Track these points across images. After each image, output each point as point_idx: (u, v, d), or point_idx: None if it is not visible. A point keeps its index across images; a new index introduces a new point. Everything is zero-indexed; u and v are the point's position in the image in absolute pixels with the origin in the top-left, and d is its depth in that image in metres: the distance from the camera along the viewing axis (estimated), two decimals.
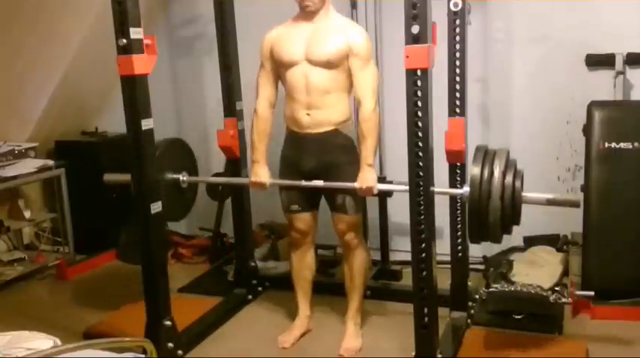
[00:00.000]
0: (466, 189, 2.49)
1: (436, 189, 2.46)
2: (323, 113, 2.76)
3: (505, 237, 2.57)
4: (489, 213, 2.41)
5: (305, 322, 3.07)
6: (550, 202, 2.51)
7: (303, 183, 2.83)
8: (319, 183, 2.81)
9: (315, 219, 2.99)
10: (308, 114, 2.77)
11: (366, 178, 2.69)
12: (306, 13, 2.73)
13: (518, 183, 2.46)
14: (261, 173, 2.89)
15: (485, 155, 2.49)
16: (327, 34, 2.71)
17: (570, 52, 3.45)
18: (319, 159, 2.80)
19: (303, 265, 3.05)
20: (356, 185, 2.71)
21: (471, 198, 2.45)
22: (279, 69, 2.82)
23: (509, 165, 2.47)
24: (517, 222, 2.51)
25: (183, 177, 3.10)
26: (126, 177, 2.78)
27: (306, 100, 2.76)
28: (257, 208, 3.56)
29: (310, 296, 3.10)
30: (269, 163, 2.93)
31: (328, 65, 2.69)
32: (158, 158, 2.80)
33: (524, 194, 2.48)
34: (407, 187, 2.43)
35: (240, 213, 3.45)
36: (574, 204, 2.54)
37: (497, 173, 2.41)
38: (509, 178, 2.43)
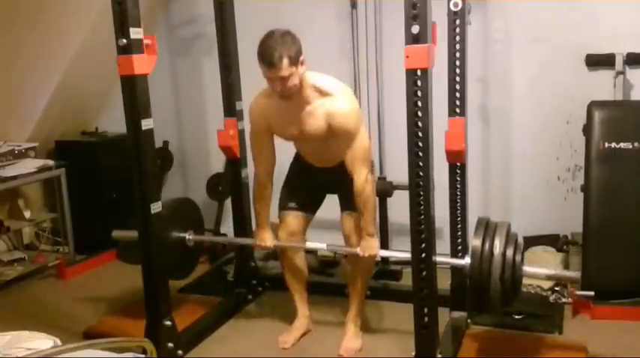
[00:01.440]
0: (467, 260, 2.53)
1: (438, 259, 2.51)
2: (332, 160, 2.80)
3: None
4: (490, 288, 2.45)
5: (305, 322, 3.07)
6: (550, 278, 2.56)
7: (308, 244, 3.00)
8: (322, 246, 2.94)
9: (307, 223, 3.00)
10: (315, 161, 2.87)
11: (368, 247, 2.75)
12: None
13: (518, 258, 2.49)
14: (265, 238, 2.94)
15: (487, 228, 2.53)
16: (311, 117, 2.65)
17: (570, 52, 3.45)
18: (332, 175, 2.83)
19: (294, 268, 3.04)
20: (359, 252, 2.76)
21: (471, 270, 2.50)
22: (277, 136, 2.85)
23: (510, 238, 2.51)
24: (517, 295, 2.56)
25: (189, 236, 3.12)
26: (133, 233, 2.85)
27: (312, 157, 2.87)
28: None
29: (306, 297, 3.10)
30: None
31: (324, 137, 2.68)
32: (164, 217, 2.82)
33: (524, 268, 2.52)
34: (409, 255, 2.48)
35: (240, 213, 3.45)
36: (573, 281, 2.60)
37: (497, 246, 2.46)
38: (509, 253, 2.47)
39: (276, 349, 2.95)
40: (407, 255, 2.54)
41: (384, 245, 3.74)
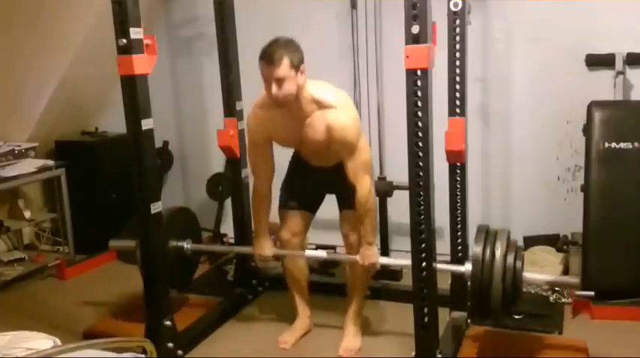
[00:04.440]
0: (468, 267, 2.54)
1: (438, 266, 2.52)
2: (328, 161, 2.81)
3: None
4: (491, 295, 2.47)
5: (305, 322, 3.08)
6: (550, 284, 2.57)
7: (307, 253, 2.99)
8: (322, 253, 2.96)
9: (308, 223, 3.00)
10: (314, 162, 2.87)
11: (368, 255, 2.76)
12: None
13: (519, 264, 2.52)
14: (265, 246, 2.95)
15: (487, 236, 2.55)
16: (309, 130, 2.65)
17: (570, 52, 3.44)
18: (331, 174, 2.83)
19: (296, 269, 3.04)
20: (358, 260, 2.77)
21: (472, 277, 2.51)
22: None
23: (510, 245, 2.53)
24: (518, 301, 2.59)
25: (187, 245, 3.13)
26: (131, 243, 2.86)
27: (312, 158, 2.86)
28: None
29: (307, 297, 3.10)
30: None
31: (325, 145, 2.68)
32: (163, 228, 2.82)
33: (525, 274, 2.55)
34: (409, 262, 2.48)
35: (240, 213, 3.45)
36: (574, 286, 2.62)
37: (498, 253, 2.48)
38: (510, 259, 2.49)
39: (276, 349, 2.95)
40: (407, 262, 2.54)
41: (384, 245, 3.74)
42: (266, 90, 2.57)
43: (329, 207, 2.97)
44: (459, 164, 2.95)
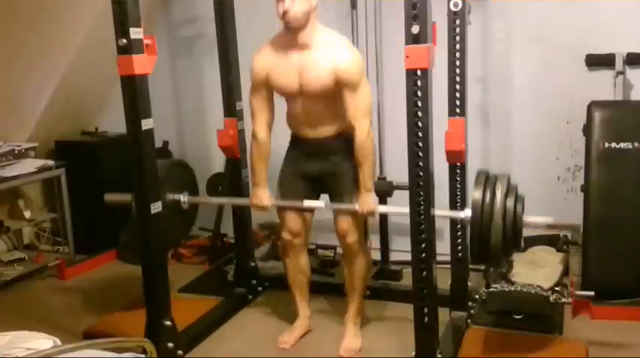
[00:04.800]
0: (467, 213, 2.51)
1: (437, 212, 2.49)
2: (324, 126, 2.78)
3: None
4: (491, 237, 2.43)
5: (305, 323, 3.07)
6: (551, 226, 2.55)
7: (305, 203, 2.86)
8: (320, 204, 2.86)
9: (308, 222, 2.99)
10: (310, 128, 2.81)
11: (366, 202, 2.73)
12: (290, 30, 2.65)
13: (519, 208, 2.49)
14: (262, 196, 2.91)
15: (487, 180, 2.51)
16: (315, 65, 2.64)
17: (570, 52, 3.44)
18: (322, 163, 2.82)
19: (297, 269, 3.04)
20: (357, 208, 2.74)
21: (472, 222, 2.48)
22: (275, 92, 2.82)
23: (510, 189, 2.50)
24: (518, 246, 2.55)
25: (184, 198, 3.10)
26: (127, 197, 2.82)
27: (308, 121, 2.80)
28: None
29: (308, 297, 3.10)
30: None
31: (324, 93, 2.68)
32: (160, 180, 2.79)
33: (525, 218, 2.51)
34: (407, 210, 2.45)
35: (240, 213, 3.45)
36: (574, 228, 2.59)
37: (498, 197, 2.44)
38: (510, 203, 2.46)
39: (276, 349, 2.95)
40: (405, 210, 2.48)
41: (384, 245, 3.74)
42: (277, 10, 2.59)
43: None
44: (459, 164, 2.95)
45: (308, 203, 2.86)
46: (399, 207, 2.86)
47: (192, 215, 3.34)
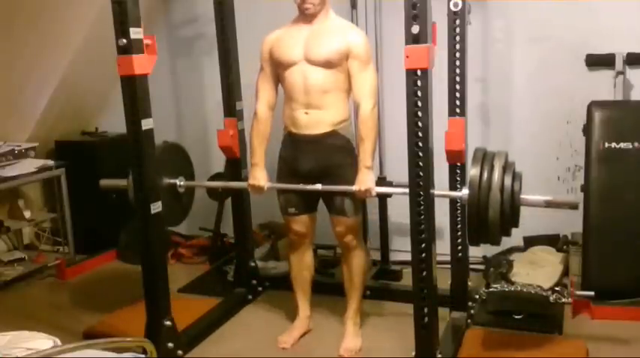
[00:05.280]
0: (465, 191, 2.49)
1: (435, 192, 2.47)
2: (321, 113, 2.75)
3: (505, 237, 2.57)
4: (488, 214, 2.41)
5: (305, 322, 3.08)
6: (548, 204, 2.52)
7: (301, 186, 2.82)
8: (317, 186, 2.79)
9: (313, 222, 2.99)
10: (306, 113, 2.76)
11: (365, 180, 2.69)
12: (306, 16, 2.73)
13: (517, 185, 2.46)
14: (259, 176, 2.89)
15: (484, 157, 2.49)
16: (326, 35, 2.71)
17: (570, 52, 3.45)
18: (317, 161, 2.80)
19: (302, 266, 3.05)
20: (354, 187, 2.71)
21: (469, 200, 2.45)
22: (278, 70, 2.81)
23: (508, 167, 2.47)
24: (516, 224, 2.52)
25: (180, 182, 3.08)
26: (122, 182, 2.81)
27: (305, 100, 2.75)
28: (257, 208, 3.55)
29: (310, 297, 3.10)
30: (267, 164, 2.92)
31: (327, 65, 2.69)
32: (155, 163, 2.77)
33: (522, 196, 2.48)
34: (406, 189, 2.43)
35: (240, 213, 3.45)
36: (572, 206, 2.55)
37: (496, 175, 2.42)
38: (507, 180, 2.43)
39: (276, 349, 2.95)
40: (404, 190, 2.46)
41: (384, 245, 3.74)
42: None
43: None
44: (459, 164, 2.95)
45: (304, 186, 2.81)
46: (396, 188, 2.84)
47: (189, 201, 3.30)
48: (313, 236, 3.05)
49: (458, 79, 2.88)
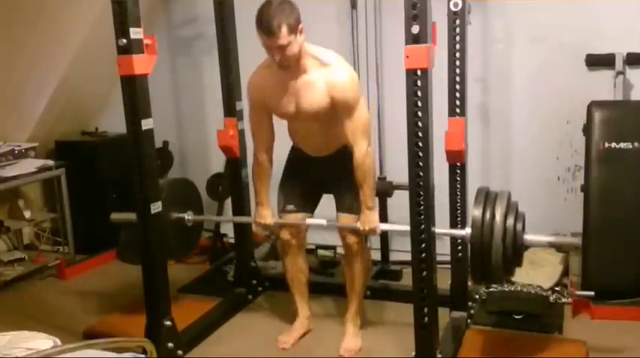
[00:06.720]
0: (468, 231, 2.52)
1: (437, 230, 2.49)
2: (327, 143, 2.80)
3: None
4: (491, 256, 2.43)
5: (305, 322, 3.08)
6: (551, 244, 2.55)
7: (308, 221, 2.92)
8: (322, 221, 2.89)
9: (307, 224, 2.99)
10: (310, 147, 2.85)
11: (368, 221, 2.73)
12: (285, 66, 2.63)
13: (519, 226, 2.48)
14: (265, 215, 2.93)
15: (487, 197, 2.51)
16: (309, 90, 2.62)
17: (570, 52, 3.44)
18: (327, 171, 2.83)
19: (296, 269, 3.04)
20: (358, 226, 2.74)
21: (472, 240, 2.48)
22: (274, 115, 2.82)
23: (511, 207, 2.49)
24: (519, 263, 2.54)
25: (188, 216, 3.12)
26: (131, 216, 2.84)
27: (307, 141, 2.84)
28: None
29: (307, 297, 3.10)
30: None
31: (320, 116, 2.66)
32: (164, 199, 2.80)
33: (525, 236, 2.50)
34: (407, 227, 2.46)
35: (240, 213, 3.45)
36: (575, 247, 2.58)
37: (498, 216, 2.44)
38: (510, 221, 2.45)
39: (276, 349, 2.95)
40: (407, 228, 2.49)
41: (384, 245, 3.74)
42: (269, 55, 2.57)
43: (329, 207, 2.97)
44: (459, 164, 2.95)
45: (310, 221, 2.93)
46: (400, 225, 2.86)
47: (197, 234, 3.38)
48: (304, 239, 3.05)
49: (458, 79, 2.88)
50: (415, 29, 2.22)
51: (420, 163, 2.36)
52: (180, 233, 3.12)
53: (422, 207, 2.40)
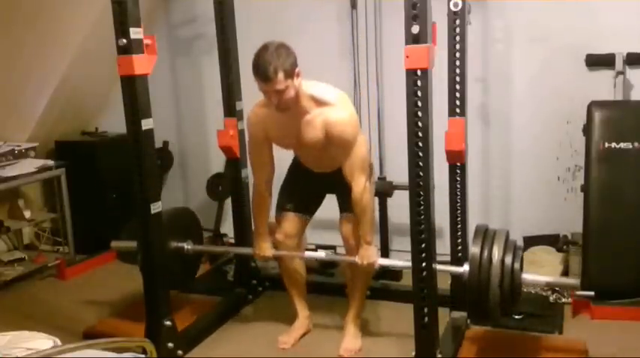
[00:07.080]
0: (466, 268, 2.54)
1: (438, 267, 2.52)
2: (329, 166, 2.80)
3: None
4: (489, 296, 2.46)
5: (305, 322, 3.08)
6: (549, 285, 2.56)
7: (307, 254, 3.00)
8: (321, 254, 2.99)
9: (304, 226, 3.00)
10: (313, 166, 2.87)
11: (367, 255, 2.75)
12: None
13: (517, 265, 2.49)
14: (264, 247, 2.96)
15: (485, 236, 2.53)
16: (310, 127, 2.64)
17: (570, 52, 3.44)
18: (329, 179, 2.83)
19: (292, 270, 3.05)
20: (357, 260, 2.76)
21: (470, 278, 2.50)
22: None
23: (508, 246, 2.51)
24: (517, 302, 2.57)
25: (187, 246, 3.14)
26: (132, 244, 2.88)
27: (310, 162, 2.86)
28: None
29: (305, 298, 3.10)
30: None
31: (321, 146, 2.67)
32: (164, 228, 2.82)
33: (523, 276, 2.53)
34: (408, 263, 2.48)
35: (240, 213, 3.45)
36: (573, 288, 2.60)
37: (496, 256, 2.46)
38: (508, 260, 2.47)
39: (276, 349, 2.95)
40: (407, 263, 2.53)
41: (384, 245, 3.74)
42: (266, 98, 2.58)
43: (329, 207, 2.97)
44: (459, 164, 2.95)
45: (309, 254, 3.00)
46: (400, 261, 2.89)
47: (196, 264, 3.40)
48: (301, 242, 3.05)
49: (458, 79, 2.88)
50: (415, 29, 2.23)
51: (420, 163, 2.36)
52: (180, 263, 3.14)
53: (422, 207, 2.40)
